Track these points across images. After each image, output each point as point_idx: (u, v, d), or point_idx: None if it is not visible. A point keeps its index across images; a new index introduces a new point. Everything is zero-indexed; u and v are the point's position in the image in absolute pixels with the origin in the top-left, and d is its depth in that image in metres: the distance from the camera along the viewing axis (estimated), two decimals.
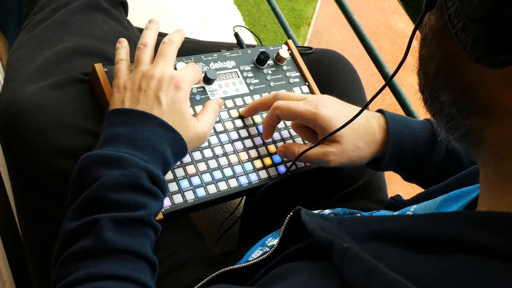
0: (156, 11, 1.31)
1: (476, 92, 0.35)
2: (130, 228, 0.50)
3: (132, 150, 0.54)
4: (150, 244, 0.53)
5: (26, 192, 0.63)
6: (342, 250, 0.34)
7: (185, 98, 0.61)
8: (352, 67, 0.88)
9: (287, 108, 0.66)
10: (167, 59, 0.62)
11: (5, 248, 0.89)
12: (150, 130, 0.55)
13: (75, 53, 0.69)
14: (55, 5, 0.75)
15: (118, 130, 0.55)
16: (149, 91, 0.58)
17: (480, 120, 0.36)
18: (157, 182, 0.54)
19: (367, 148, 0.66)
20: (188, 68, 0.64)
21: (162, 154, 0.56)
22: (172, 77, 0.60)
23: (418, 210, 0.51)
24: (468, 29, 0.32)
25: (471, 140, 0.38)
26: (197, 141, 0.62)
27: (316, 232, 0.38)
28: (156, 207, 0.54)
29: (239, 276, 0.52)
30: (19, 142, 0.61)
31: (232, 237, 0.92)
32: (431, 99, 0.39)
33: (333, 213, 0.65)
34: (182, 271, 0.63)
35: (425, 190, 0.65)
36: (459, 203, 0.45)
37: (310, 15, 3.99)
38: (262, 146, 0.73)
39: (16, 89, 0.64)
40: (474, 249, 0.33)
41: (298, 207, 0.45)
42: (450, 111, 0.37)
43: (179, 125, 0.59)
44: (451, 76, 0.37)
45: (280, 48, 0.82)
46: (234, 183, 0.68)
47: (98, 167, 0.52)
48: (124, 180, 0.51)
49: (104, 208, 0.50)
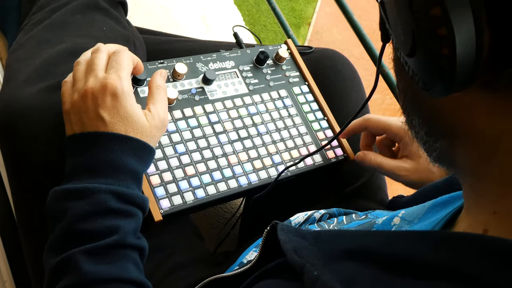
0: (156, 11, 1.31)
1: (438, 118, 0.36)
2: (106, 255, 0.50)
3: (93, 177, 0.53)
4: (135, 265, 0.52)
5: (24, 193, 0.63)
6: (312, 278, 0.34)
7: (127, 98, 0.57)
8: (352, 67, 0.88)
9: (377, 120, 0.70)
10: (95, 67, 0.58)
11: (5, 248, 0.88)
12: (104, 150, 0.54)
13: (74, 54, 0.69)
14: (54, 5, 0.75)
15: (75, 160, 0.55)
16: (89, 112, 0.56)
17: (447, 143, 0.36)
18: (128, 199, 0.53)
19: (439, 173, 0.67)
20: (118, 61, 0.59)
21: (126, 168, 0.55)
22: (104, 87, 0.56)
23: (406, 215, 0.51)
24: (407, 61, 0.34)
25: (445, 162, 0.38)
26: (159, 131, 0.60)
27: (289, 255, 0.38)
28: (131, 225, 0.53)
29: (230, 283, 0.52)
30: (17, 143, 0.61)
31: (232, 237, 0.92)
32: (407, 123, 0.40)
33: (328, 213, 0.64)
34: (181, 272, 0.63)
35: (426, 186, 0.65)
36: (447, 209, 0.45)
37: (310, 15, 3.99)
38: (262, 147, 0.73)
39: (15, 90, 0.64)
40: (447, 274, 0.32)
41: (275, 222, 0.44)
42: (422, 135, 0.38)
43: (132, 130, 0.56)
44: (415, 102, 0.38)
45: (279, 48, 0.82)
46: (234, 184, 0.68)
47: (64, 202, 0.52)
48: (90, 208, 0.51)
49: (77, 241, 0.50)
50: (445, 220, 0.44)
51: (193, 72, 0.75)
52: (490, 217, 0.35)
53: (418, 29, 0.30)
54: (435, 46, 0.30)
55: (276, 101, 0.78)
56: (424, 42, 0.30)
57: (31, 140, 0.61)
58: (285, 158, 0.74)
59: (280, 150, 0.74)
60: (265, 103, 0.77)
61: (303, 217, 0.64)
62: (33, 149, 0.61)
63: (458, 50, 0.29)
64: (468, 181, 0.38)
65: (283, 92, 0.80)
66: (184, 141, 0.68)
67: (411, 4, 0.30)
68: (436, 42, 0.30)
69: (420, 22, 0.30)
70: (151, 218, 0.61)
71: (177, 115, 0.70)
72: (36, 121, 0.61)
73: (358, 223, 0.59)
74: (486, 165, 0.34)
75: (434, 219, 0.46)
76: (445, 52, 0.29)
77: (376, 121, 0.71)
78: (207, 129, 0.70)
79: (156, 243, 0.64)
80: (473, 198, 0.37)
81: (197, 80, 0.74)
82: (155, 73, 0.64)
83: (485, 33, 0.28)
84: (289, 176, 0.72)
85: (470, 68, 0.29)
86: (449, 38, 0.29)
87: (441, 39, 0.29)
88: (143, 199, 0.56)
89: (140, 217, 0.56)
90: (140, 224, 0.56)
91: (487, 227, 0.35)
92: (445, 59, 0.30)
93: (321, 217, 0.65)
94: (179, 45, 0.89)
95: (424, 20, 0.30)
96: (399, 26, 0.33)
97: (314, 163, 0.75)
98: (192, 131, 0.69)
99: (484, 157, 0.34)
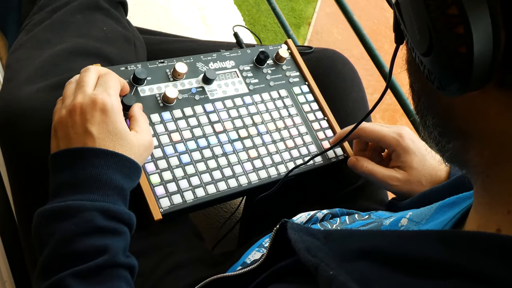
0: (156, 11, 1.31)
1: (452, 118, 0.36)
2: (97, 276, 0.49)
3: (78, 194, 0.52)
4: (127, 284, 0.51)
5: (24, 192, 0.63)
6: (328, 278, 0.34)
7: (116, 115, 0.56)
8: (352, 67, 0.88)
9: (371, 129, 0.71)
10: (84, 84, 0.58)
11: (5, 248, 0.88)
12: (90, 166, 0.53)
13: (74, 54, 0.69)
14: (55, 5, 0.75)
15: (60, 177, 0.53)
16: (76, 126, 0.55)
17: (461, 143, 0.36)
18: (115, 216, 0.52)
19: (428, 186, 0.68)
20: (106, 80, 0.59)
21: (112, 184, 0.53)
22: (93, 102, 0.55)
23: (413, 216, 0.51)
24: (422, 61, 0.34)
25: (458, 162, 0.39)
26: (146, 151, 0.60)
27: (302, 254, 0.37)
28: (120, 243, 0.52)
29: (232, 282, 0.52)
30: (17, 143, 0.61)
31: (232, 237, 0.92)
32: (421, 124, 0.40)
33: (331, 213, 0.64)
34: (181, 271, 0.63)
35: (427, 190, 0.65)
36: (455, 210, 0.45)
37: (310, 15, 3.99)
38: (262, 146, 0.73)
39: (15, 90, 0.64)
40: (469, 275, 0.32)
41: (284, 220, 0.44)
42: (436, 135, 0.38)
43: (121, 146, 0.55)
44: (430, 102, 0.38)
45: (279, 48, 0.82)
46: (234, 183, 0.68)
47: (50, 223, 0.51)
48: (76, 228, 0.49)
49: (66, 263, 0.49)
50: (454, 220, 0.44)
51: (193, 72, 0.75)
52: (504, 217, 0.35)
53: (435, 29, 0.30)
54: (452, 45, 0.30)
55: (276, 101, 0.78)
56: (441, 41, 0.30)
57: (31, 140, 0.61)
58: (285, 157, 0.74)
59: (280, 150, 0.74)
60: (265, 103, 0.77)
61: (306, 217, 0.64)
62: (33, 149, 0.61)
63: (475, 49, 0.29)
64: (480, 180, 0.37)
65: (283, 92, 0.80)
66: (184, 140, 0.68)
67: (427, 4, 0.30)
68: (453, 41, 0.30)
69: (436, 22, 0.30)
70: (150, 217, 0.61)
71: (177, 115, 0.70)
72: (36, 121, 0.61)
73: (361, 223, 0.59)
74: (500, 165, 0.34)
75: (443, 219, 0.46)
76: (462, 50, 0.30)
77: (370, 131, 0.71)
78: (207, 129, 0.71)
79: (155, 243, 0.64)
80: (485, 198, 0.37)
81: (197, 79, 0.74)
82: (134, 105, 0.63)
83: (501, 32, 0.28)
84: (290, 176, 0.72)
85: (487, 66, 0.30)
86: (466, 37, 0.29)
87: (458, 37, 0.29)
88: (130, 216, 0.54)
89: (128, 235, 0.54)
90: (129, 242, 0.54)
91: (500, 226, 0.35)
92: (462, 58, 0.30)
93: (324, 217, 0.65)
94: (179, 45, 0.89)
95: (441, 19, 0.30)
96: (415, 26, 0.33)
97: (314, 163, 0.75)
98: (192, 130, 0.69)
99: (498, 157, 0.34)
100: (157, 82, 0.71)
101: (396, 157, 0.70)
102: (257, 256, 0.59)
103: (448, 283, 0.32)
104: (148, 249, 0.62)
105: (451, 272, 0.33)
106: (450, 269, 0.33)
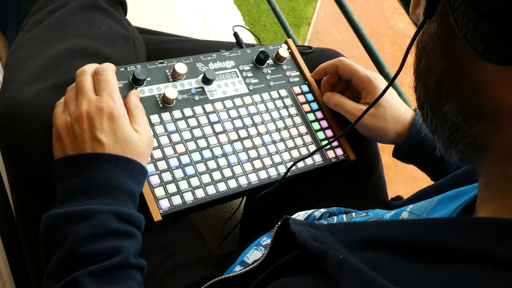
0: (156, 11, 1.31)
1: (483, 97, 0.35)
2: (111, 276, 0.50)
3: (91, 199, 0.53)
4: (138, 285, 0.53)
5: (24, 193, 0.63)
6: (338, 262, 0.33)
7: (123, 121, 0.57)
8: None
9: (348, 63, 0.76)
10: (85, 90, 0.58)
11: (5, 248, 0.88)
12: (101, 171, 0.54)
13: (73, 54, 0.69)
14: (54, 5, 0.74)
15: (70, 182, 0.54)
16: (84, 134, 0.55)
17: (489, 126, 0.35)
18: (128, 219, 0.54)
19: (393, 125, 0.73)
20: (105, 81, 0.59)
21: (123, 189, 0.54)
22: (100, 110, 0.56)
23: (414, 210, 0.51)
24: (481, 27, 0.32)
25: (477, 148, 0.37)
26: (148, 150, 0.60)
27: (308, 243, 0.37)
28: (133, 245, 0.53)
29: (235, 283, 0.52)
30: (17, 144, 0.61)
31: (232, 237, 0.92)
32: (432, 112, 0.39)
33: (328, 212, 0.64)
34: (181, 272, 0.63)
35: (424, 188, 0.65)
36: (456, 203, 0.45)
37: (310, 15, 3.99)
38: (262, 147, 0.73)
39: (15, 91, 0.64)
40: (476, 258, 0.31)
41: (286, 216, 0.44)
42: (455, 121, 0.37)
43: (129, 151, 0.57)
44: (457, 83, 0.36)
45: (279, 48, 0.82)
46: (234, 184, 0.68)
47: (63, 225, 0.52)
48: (92, 230, 0.51)
49: (80, 264, 0.50)
50: (457, 213, 0.43)
51: (193, 72, 0.75)
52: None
53: None
54: None
55: (276, 101, 0.78)
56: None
57: (31, 140, 0.61)
58: (285, 158, 0.74)
59: (280, 150, 0.74)
60: (265, 103, 0.77)
61: (303, 216, 0.64)
62: (33, 149, 0.61)
63: None
64: (500, 165, 0.36)
65: (283, 92, 0.80)
66: (184, 141, 0.68)
67: None
68: None
69: None
70: (150, 218, 0.61)
71: (177, 115, 0.69)
72: (36, 121, 0.61)
73: (360, 220, 0.59)
74: None
75: (444, 212, 0.45)
76: None
77: (347, 64, 0.76)
78: (206, 129, 0.70)
79: (156, 243, 0.64)
80: (501, 183, 0.37)
81: (197, 80, 0.74)
82: (129, 94, 0.63)
83: None
84: (289, 176, 0.72)
85: None
86: None
87: None
88: (141, 219, 0.56)
89: (140, 237, 0.56)
90: (140, 245, 0.56)
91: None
92: None
93: (321, 215, 0.65)
94: (179, 45, 0.88)
95: None
96: None
97: (314, 163, 0.75)
98: (191, 131, 0.69)
99: None
100: (157, 83, 0.70)
101: (366, 94, 0.75)
102: (256, 255, 0.59)
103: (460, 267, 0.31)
104: (149, 249, 0.62)
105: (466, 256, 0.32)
106: (464, 254, 0.32)
